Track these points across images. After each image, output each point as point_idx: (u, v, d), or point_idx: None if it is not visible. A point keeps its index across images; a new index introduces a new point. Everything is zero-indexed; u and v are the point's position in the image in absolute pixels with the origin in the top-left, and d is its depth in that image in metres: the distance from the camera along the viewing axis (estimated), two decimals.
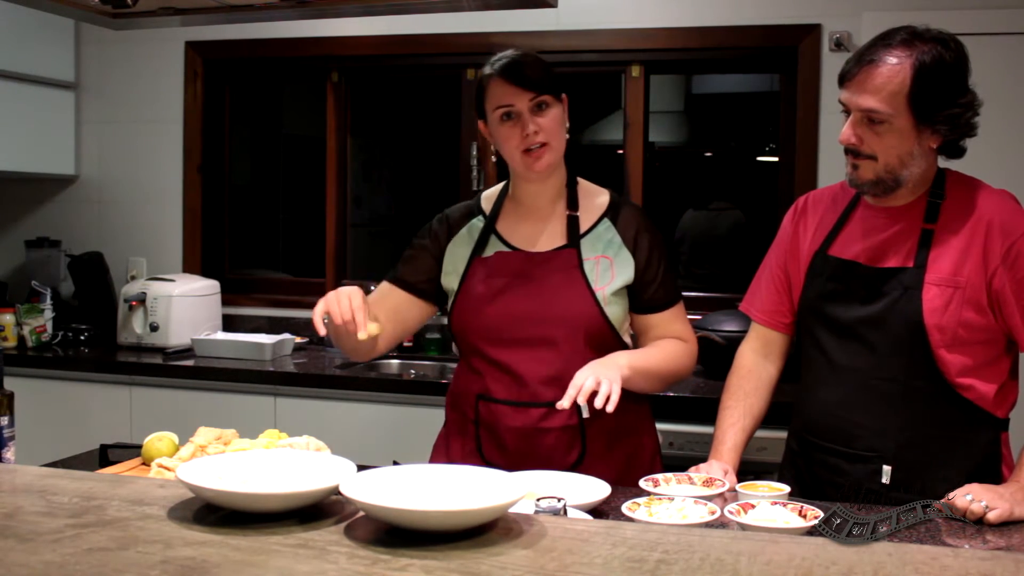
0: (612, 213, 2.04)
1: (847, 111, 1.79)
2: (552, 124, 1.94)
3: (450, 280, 2.05)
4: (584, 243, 2.00)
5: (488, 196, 2.11)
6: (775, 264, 2.03)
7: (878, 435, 1.83)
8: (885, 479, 1.81)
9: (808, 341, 1.95)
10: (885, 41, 1.75)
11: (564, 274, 1.97)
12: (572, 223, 2.01)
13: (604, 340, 1.96)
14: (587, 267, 1.98)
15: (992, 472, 1.83)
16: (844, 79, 1.79)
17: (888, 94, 1.72)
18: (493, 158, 2.04)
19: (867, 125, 1.76)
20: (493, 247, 2.03)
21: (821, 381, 1.91)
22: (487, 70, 1.97)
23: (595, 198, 2.06)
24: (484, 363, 2.00)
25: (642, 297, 2.01)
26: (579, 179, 2.07)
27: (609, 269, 1.98)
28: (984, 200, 1.82)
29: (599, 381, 1.79)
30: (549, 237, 2.02)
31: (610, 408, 1.78)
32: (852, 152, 1.80)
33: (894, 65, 1.72)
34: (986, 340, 1.80)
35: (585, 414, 1.92)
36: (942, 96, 1.73)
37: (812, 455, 1.92)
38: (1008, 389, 1.85)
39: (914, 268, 1.80)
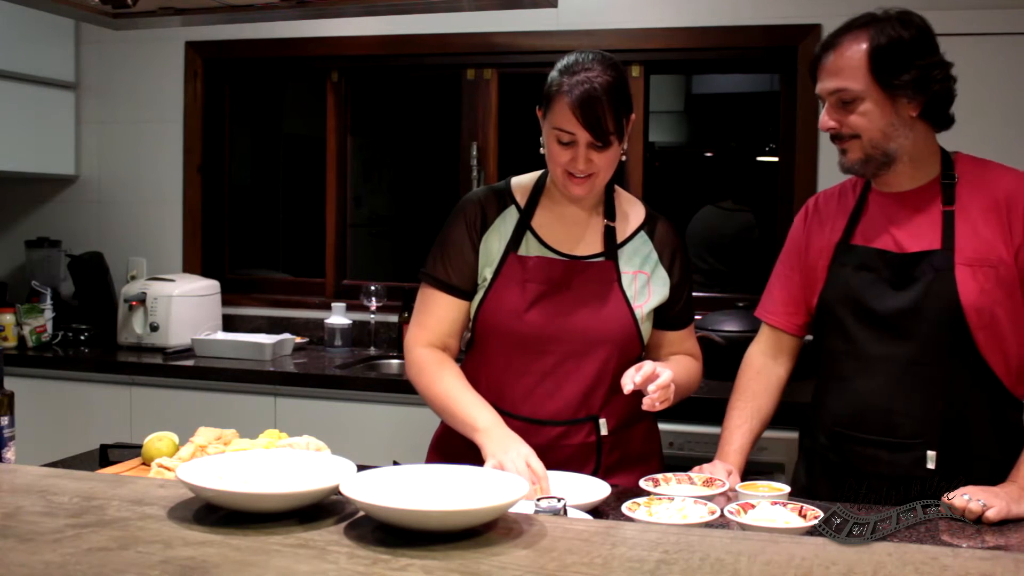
0: (649, 227, 2.00)
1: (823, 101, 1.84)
2: (606, 160, 1.85)
3: (483, 272, 1.95)
4: (621, 255, 1.95)
5: (520, 186, 2.01)
6: (787, 267, 2.02)
7: (920, 422, 1.81)
8: (931, 464, 1.79)
9: (835, 334, 1.91)
10: (845, 27, 1.82)
11: (603, 287, 1.92)
12: (609, 234, 1.96)
13: (632, 359, 1.92)
14: (625, 282, 1.93)
15: None
16: (814, 71, 1.85)
17: (850, 71, 1.78)
18: (541, 151, 1.92)
19: (842, 107, 1.81)
20: (529, 245, 1.94)
21: (853, 372, 1.88)
22: (562, 82, 1.81)
23: (631, 207, 2.02)
24: (504, 371, 1.93)
25: (667, 315, 2.00)
26: (616, 187, 2.02)
27: (646, 286, 1.95)
28: (999, 177, 1.84)
29: (668, 381, 1.79)
30: (586, 242, 1.96)
31: (660, 406, 1.79)
32: (836, 137, 1.84)
33: (851, 43, 1.79)
34: (1016, 318, 1.80)
35: (604, 431, 1.92)
36: (901, 61, 1.76)
37: (848, 448, 1.89)
38: None
39: (942, 250, 1.80)
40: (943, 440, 1.80)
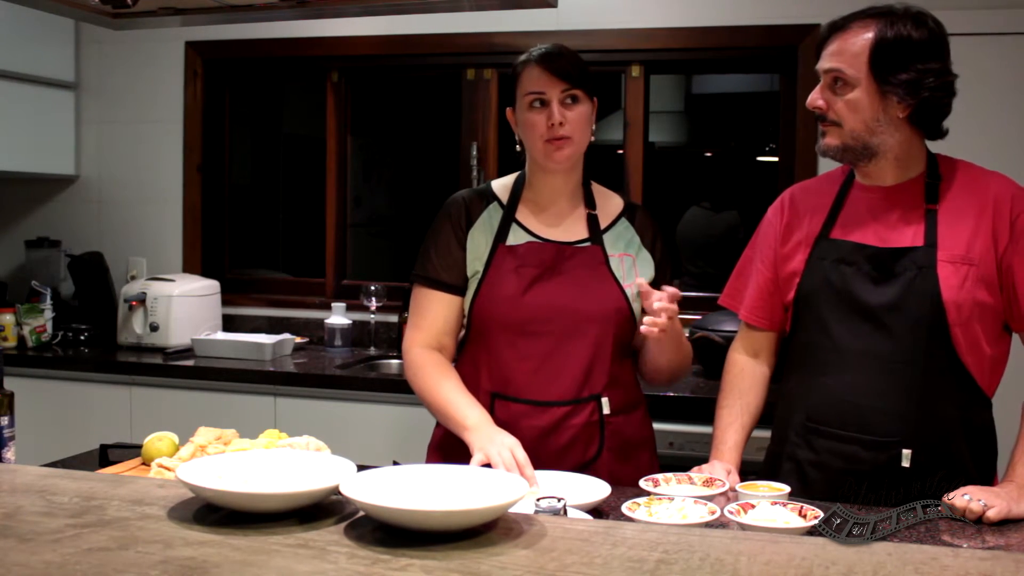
0: (629, 214, 2.07)
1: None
2: (579, 119, 1.93)
3: (473, 266, 2.00)
4: (606, 240, 2.01)
5: (501, 185, 2.08)
6: (761, 261, 2.01)
7: (896, 419, 1.80)
8: (906, 463, 1.78)
9: (812, 328, 1.90)
10: (859, 12, 1.80)
11: (593, 269, 1.97)
12: (592, 221, 2.02)
13: (628, 338, 1.99)
14: (613, 264, 1.99)
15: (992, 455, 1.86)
16: (819, 48, 1.84)
17: (851, 55, 1.77)
18: (518, 147, 2.03)
19: (833, 90, 1.80)
20: (517, 235, 2.00)
21: (829, 367, 1.87)
22: (524, 57, 1.99)
23: (609, 199, 2.08)
24: (506, 357, 1.96)
25: None
26: (592, 182, 2.07)
27: (633, 267, 2.00)
28: (985, 179, 1.84)
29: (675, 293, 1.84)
30: (570, 230, 2.01)
31: (660, 327, 1.81)
32: (820, 118, 1.84)
33: (859, 30, 1.78)
34: (992, 318, 1.80)
35: (607, 410, 1.93)
36: (901, 60, 1.75)
37: (821, 444, 1.87)
38: (999, 369, 1.86)
39: (925, 247, 1.79)
40: (918, 438, 1.79)
